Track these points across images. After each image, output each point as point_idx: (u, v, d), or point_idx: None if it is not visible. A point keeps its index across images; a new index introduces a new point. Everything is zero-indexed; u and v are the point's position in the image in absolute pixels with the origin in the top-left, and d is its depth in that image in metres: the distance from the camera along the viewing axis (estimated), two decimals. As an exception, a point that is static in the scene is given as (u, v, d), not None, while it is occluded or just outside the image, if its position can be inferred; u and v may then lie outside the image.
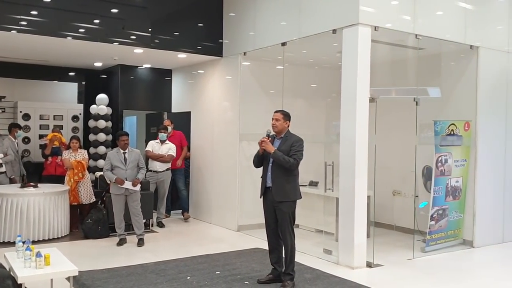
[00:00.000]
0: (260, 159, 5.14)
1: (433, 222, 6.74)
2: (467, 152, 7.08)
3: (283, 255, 5.10)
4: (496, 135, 7.29)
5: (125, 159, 6.88)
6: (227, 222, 8.22)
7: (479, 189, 7.05)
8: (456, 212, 7.06)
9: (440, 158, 6.74)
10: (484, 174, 7.09)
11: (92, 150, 9.36)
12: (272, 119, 5.12)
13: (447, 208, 6.90)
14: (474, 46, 6.99)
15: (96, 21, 7.36)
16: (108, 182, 7.78)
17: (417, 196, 7.19)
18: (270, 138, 5.06)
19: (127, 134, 7.07)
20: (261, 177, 5.17)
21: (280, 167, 4.95)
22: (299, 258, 6.10)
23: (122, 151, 6.93)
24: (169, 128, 8.67)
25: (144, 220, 7.37)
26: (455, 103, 7.24)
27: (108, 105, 9.52)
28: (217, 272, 5.53)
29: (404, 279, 5.57)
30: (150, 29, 7.81)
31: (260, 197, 5.18)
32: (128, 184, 6.76)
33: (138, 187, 6.85)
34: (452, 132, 6.86)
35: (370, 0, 5.92)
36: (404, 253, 6.58)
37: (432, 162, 6.73)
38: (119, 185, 6.74)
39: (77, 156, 7.65)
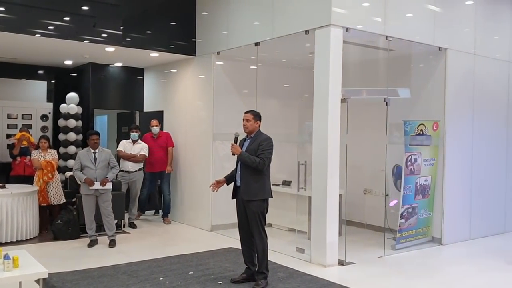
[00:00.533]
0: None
1: (403, 220, 6.88)
2: (435, 151, 7.25)
3: (256, 254, 5.12)
4: (463, 134, 7.49)
5: (95, 158, 6.79)
6: (200, 222, 8.20)
7: (447, 187, 7.23)
8: (425, 210, 7.22)
9: (409, 158, 6.88)
10: (452, 173, 7.28)
11: (62, 149, 9.19)
12: (243, 119, 5.15)
13: (416, 207, 7.06)
14: (443, 48, 7.16)
15: (66, 18, 7.23)
16: (79, 182, 7.69)
17: (387, 195, 7.32)
18: (237, 141, 5.12)
19: (97, 134, 6.96)
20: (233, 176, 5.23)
21: (247, 167, 5.00)
22: (272, 257, 6.14)
23: (92, 150, 6.83)
24: (157, 129, 8.49)
25: (116, 221, 7.28)
26: (424, 104, 7.40)
27: (78, 104, 9.36)
28: (190, 273, 5.51)
29: (375, 276, 5.67)
30: (121, 27, 7.71)
31: (232, 198, 5.20)
32: (97, 185, 6.66)
33: (108, 186, 6.74)
34: (421, 132, 7.01)
35: (342, 1, 6.00)
36: (375, 251, 6.69)
37: (402, 161, 6.86)
38: (88, 184, 6.65)
39: (46, 156, 7.50)
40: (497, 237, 7.89)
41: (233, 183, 5.20)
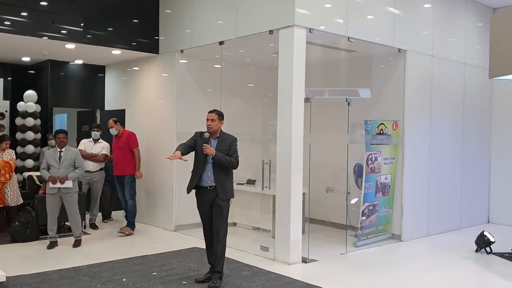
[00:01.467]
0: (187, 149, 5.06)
1: (364, 218, 7.03)
2: (395, 150, 7.44)
3: (215, 253, 5.05)
4: (421, 134, 7.72)
5: (60, 157, 6.64)
6: (163, 222, 8.12)
7: (406, 185, 7.44)
8: (386, 208, 7.41)
9: (370, 156, 7.04)
10: (410, 171, 7.49)
11: (19, 149, 8.91)
12: (207, 119, 5.09)
13: (377, 204, 7.23)
14: (402, 50, 7.36)
15: (24, 13, 7.01)
16: (37, 182, 7.49)
17: (349, 193, 7.46)
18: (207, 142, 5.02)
19: (64, 132, 6.83)
20: (192, 172, 5.09)
21: (221, 167, 5.00)
22: (236, 255, 6.19)
23: (58, 149, 6.69)
24: (114, 130, 7.71)
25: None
26: (384, 104, 7.59)
27: (36, 102, 9.09)
28: (154, 273, 5.46)
29: (337, 273, 5.78)
30: (82, 24, 7.55)
31: (188, 193, 5.13)
32: (59, 184, 6.51)
33: (68, 184, 6.56)
34: (381, 131, 7.19)
35: (305, 2, 6.07)
36: (337, 248, 6.81)
37: (363, 160, 7.02)
38: (51, 184, 6.53)
39: (4, 156, 7.25)
40: (454, 233, 8.18)
41: (191, 179, 5.08)
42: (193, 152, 5.13)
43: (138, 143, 7.85)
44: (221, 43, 7.00)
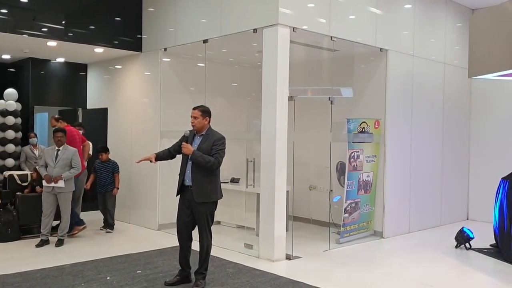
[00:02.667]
0: (169, 155, 5.06)
1: (346, 215, 7.12)
2: (377, 148, 7.55)
3: (196, 254, 4.98)
4: (403, 132, 7.84)
5: (56, 156, 6.61)
6: (147, 221, 8.09)
7: (388, 183, 7.55)
8: (368, 205, 7.51)
9: (352, 154, 7.13)
10: (392, 169, 7.60)
11: (-1, 148, 8.79)
12: (191, 116, 4.92)
13: (359, 201, 7.32)
14: (384, 49, 7.47)
15: (4, 10, 6.92)
16: (19, 182, 7.39)
17: (331, 191, 7.55)
18: (187, 140, 4.91)
19: (62, 131, 6.81)
20: (179, 174, 4.98)
21: (200, 167, 4.77)
22: (221, 253, 6.21)
23: (56, 148, 6.69)
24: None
25: (58, 222, 7.04)
26: (366, 103, 7.69)
27: (17, 101, 8.96)
28: (138, 271, 5.45)
29: (321, 269, 5.85)
30: (63, 21, 7.47)
31: (177, 196, 4.99)
32: (52, 183, 6.52)
33: (60, 184, 6.54)
34: (363, 130, 7.28)
35: (289, 1, 6.12)
36: (320, 245, 6.88)
37: (345, 158, 7.10)
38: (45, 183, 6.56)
39: None
40: (434, 230, 8.33)
41: (178, 180, 4.96)
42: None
43: (80, 142, 7.40)
44: (205, 41, 7.01)
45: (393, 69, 7.57)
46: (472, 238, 6.92)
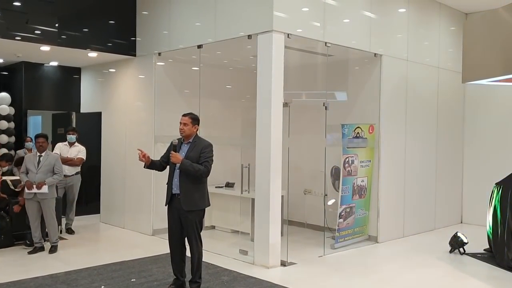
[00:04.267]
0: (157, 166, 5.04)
1: (341, 220, 7.12)
2: (371, 153, 7.56)
3: (189, 263, 4.95)
4: (397, 137, 7.85)
5: (38, 162, 6.54)
6: (141, 227, 8.06)
7: (382, 187, 7.56)
8: (362, 210, 7.52)
9: (347, 159, 7.13)
10: (386, 173, 7.61)
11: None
12: (180, 123, 4.88)
13: (354, 206, 7.33)
14: (378, 54, 7.47)
15: (-4, 14, 6.87)
16: (12, 187, 7.34)
17: (326, 195, 7.55)
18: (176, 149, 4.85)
19: (44, 136, 6.74)
20: (167, 184, 4.92)
21: (188, 175, 4.74)
22: (215, 259, 6.20)
23: (38, 154, 6.60)
24: None
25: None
26: (361, 108, 7.70)
27: (10, 105, 8.91)
28: (132, 280, 5.42)
29: (316, 276, 5.84)
30: (57, 25, 7.43)
31: (166, 205, 4.92)
32: (35, 189, 6.42)
33: (44, 190, 6.46)
34: (358, 135, 7.29)
35: (284, 7, 6.11)
36: (315, 250, 6.88)
37: (340, 162, 7.11)
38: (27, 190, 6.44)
39: None
40: (428, 234, 8.35)
41: (167, 189, 4.92)
42: None
43: None
44: (199, 46, 6.98)
45: (387, 74, 7.58)
46: (466, 243, 6.95)
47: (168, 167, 5.03)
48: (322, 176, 7.39)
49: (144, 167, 5.04)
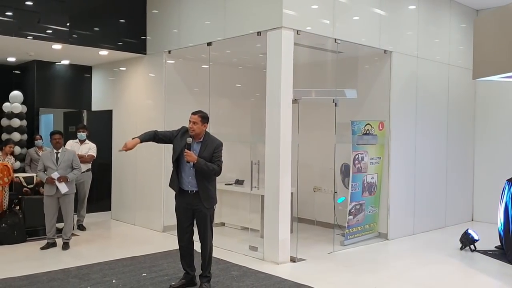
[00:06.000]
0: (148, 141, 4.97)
1: (351, 217, 7.12)
2: (381, 150, 7.54)
3: (198, 259, 4.99)
4: (407, 134, 7.83)
5: (57, 159, 6.62)
6: (151, 223, 8.12)
7: (392, 185, 7.54)
8: (372, 207, 7.50)
9: (357, 156, 7.13)
10: (396, 170, 7.59)
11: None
12: (190, 121, 4.85)
13: (363, 203, 7.32)
14: (388, 51, 7.46)
15: (9, 13, 6.94)
16: (24, 184, 7.43)
17: (336, 192, 7.53)
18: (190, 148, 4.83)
19: (59, 133, 6.81)
20: (173, 171, 4.92)
21: (204, 174, 4.79)
22: (225, 255, 6.23)
23: (55, 151, 6.67)
24: None
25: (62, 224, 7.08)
26: (371, 104, 7.68)
27: (22, 103, 9.01)
28: (143, 274, 5.47)
29: (326, 272, 5.85)
30: (68, 24, 7.50)
31: (176, 191, 4.91)
32: (63, 187, 6.49)
33: (62, 187, 6.53)
34: (367, 132, 7.28)
35: (293, 4, 6.12)
36: (325, 247, 6.89)
37: (350, 159, 7.10)
38: (51, 185, 6.49)
39: (6, 161, 7.26)
40: (439, 231, 8.31)
41: (173, 184, 4.92)
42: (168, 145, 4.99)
43: None
44: (209, 44, 7.02)
45: (397, 71, 7.56)
46: (477, 240, 6.91)
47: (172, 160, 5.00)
48: (331, 173, 7.38)
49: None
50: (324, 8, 6.54)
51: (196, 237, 5.01)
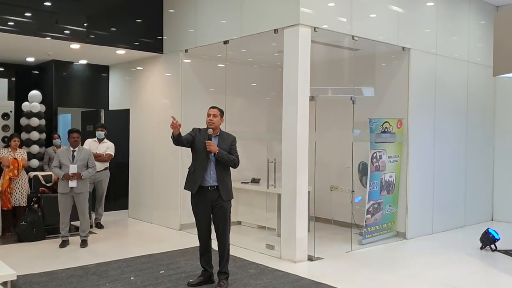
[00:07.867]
0: (178, 139, 4.83)
1: (369, 216, 7.05)
2: (399, 148, 7.46)
3: (216, 256, 5.00)
4: (426, 132, 7.74)
5: (73, 157, 6.68)
6: (168, 221, 8.15)
7: (411, 183, 7.45)
8: (390, 206, 7.43)
9: (375, 154, 7.06)
10: (415, 169, 7.50)
11: (24, 149, 8.92)
12: (209, 114, 4.92)
13: (382, 202, 7.25)
14: (406, 48, 7.37)
15: (28, 14, 7.03)
16: (43, 182, 7.51)
17: (353, 191, 7.47)
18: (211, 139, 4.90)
19: (78, 131, 6.86)
20: (191, 170, 4.94)
21: (224, 167, 4.90)
22: (242, 254, 6.22)
23: (71, 148, 6.73)
24: None
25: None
26: (389, 102, 7.60)
27: (41, 102, 9.12)
28: (161, 272, 5.49)
29: (343, 270, 5.80)
30: (85, 24, 7.57)
31: (194, 192, 4.89)
32: (73, 183, 6.52)
33: (73, 183, 6.55)
34: (386, 130, 7.21)
35: (310, 1, 6.09)
36: (342, 246, 6.83)
37: (368, 158, 7.04)
38: (65, 182, 6.52)
39: (16, 155, 7.35)
40: (458, 231, 8.20)
41: (191, 180, 4.92)
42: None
43: None
44: (225, 42, 7.01)
45: (415, 68, 7.47)
46: (498, 240, 6.80)
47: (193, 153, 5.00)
48: (349, 172, 7.32)
49: (172, 136, 4.81)
50: (341, 5, 6.49)
51: (212, 234, 5.01)
